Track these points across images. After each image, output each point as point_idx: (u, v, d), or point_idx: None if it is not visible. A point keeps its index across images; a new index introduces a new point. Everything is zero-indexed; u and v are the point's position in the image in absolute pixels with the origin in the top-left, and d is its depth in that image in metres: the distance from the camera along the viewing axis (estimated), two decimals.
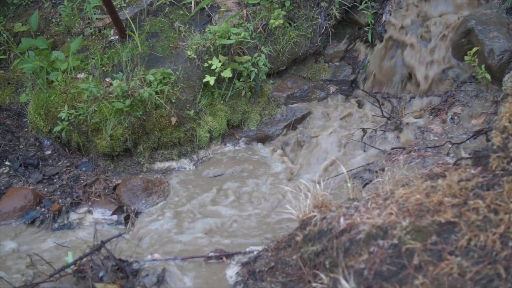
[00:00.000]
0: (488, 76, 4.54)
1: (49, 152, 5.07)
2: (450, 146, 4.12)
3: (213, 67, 5.11)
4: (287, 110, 5.65)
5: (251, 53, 5.38)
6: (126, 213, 4.53)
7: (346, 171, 3.40)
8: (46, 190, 4.69)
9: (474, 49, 4.63)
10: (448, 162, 3.39)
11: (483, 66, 4.55)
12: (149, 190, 4.66)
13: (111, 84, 4.93)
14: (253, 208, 4.54)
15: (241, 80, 5.35)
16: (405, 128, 4.90)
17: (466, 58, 4.66)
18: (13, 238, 4.26)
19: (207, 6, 5.62)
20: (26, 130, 5.25)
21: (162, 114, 4.98)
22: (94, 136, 4.90)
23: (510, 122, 2.54)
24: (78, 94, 4.92)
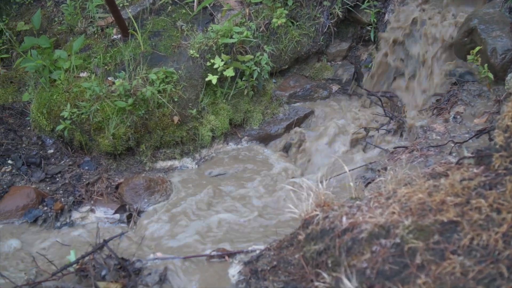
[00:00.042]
0: (490, 75, 4.54)
1: (51, 151, 5.08)
2: (452, 145, 4.11)
3: (215, 66, 5.11)
4: (290, 109, 5.64)
5: (254, 52, 5.38)
6: (128, 212, 4.54)
7: (349, 170, 3.39)
8: (48, 189, 4.70)
9: (477, 48, 4.63)
10: (450, 161, 3.38)
11: (486, 65, 4.54)
12: (151, 189, 4.66)
13: (114, 83, 4.93)
14: (255, 207, 4.54)
15: (243, 79, 5.35)
16: (407, 127, 4.90)
17: (469, 57, 4.65)
18: (15, 236, 4.26)
19: (210, 5, 5.62)
20: (29, 129, 5.25)
21: (165, 113, 4.98)
22: (96, 135, 4.90)
23: None
24: (80, 93, 4.92)
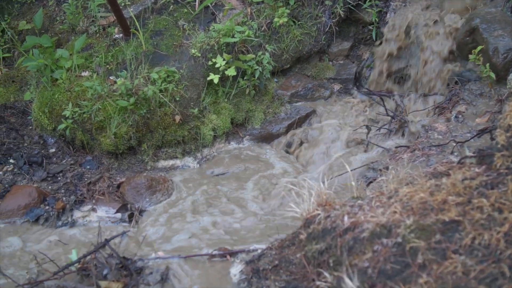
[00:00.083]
0: (492, 74, 4.53)
1: (53, 150, 5.08)
2: (454, 144, 4.11)
3: (217, 65, 5.11)
4: (291, 108, 5.64)
5: (255, 51, 5.38)
6: (130, 211, 4.54)
7: (350, 170, 3.39)
8: (50, 188, 4.70)
9: (479, 47, 4.62)
10: (452, 161, 3.38)
11: (488, 65, 4.54)
12: (153, 188, 4.66)
13: (115, 82, 4.93)
14: (257, 206, 4.54)
15: (245, 78, 5.35)
16: (409, 126, 4.90)
17: (471, 56, 4.65)
18: (17, 235, 4.26)
19: (211, 4, 5.62)
20: (31, 128, 5.25)
21: (166, 112, 4.98)
22: (98, 134, 4.91)
23: None
24: (82, 92, 4.93)
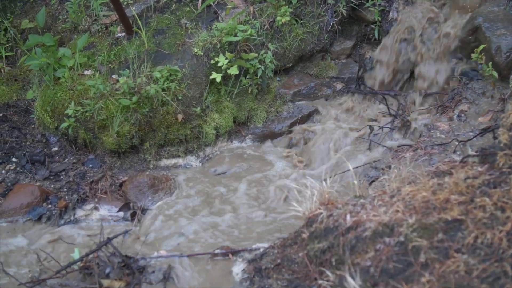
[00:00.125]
0: (495, 73, 4.53)
1: (55, 148, 5.09)
2: (456, 143, 4.10)
3: (219, 64, 5.11)
4: (294, 107, 5.64)
5: (258, 50, 5.37)
6: (132, 210, 4.54)
7: (352, 168, 3.39)
8: (52, 186, 4.71)
9: (481, 46, 4.62)
10: (454, 160, 3.38)
11: (490, 64, 4.54)
12: (155, 187, 4.67)
13: (118, 81, 4.93)
14: (259, 205, 4.54)
15: (247, 77, 5.35)
16: (412, 125, 4.90)
17: (473, 55, 4.65)
18: (20, 234, 4.27)
19: (214, 3, 5.62)
20: (33, 126, 5.26)
21: (169, 111, 4.99)
22: (100, 133, 4.91)
23: None
24: (84, 91, 4.93)
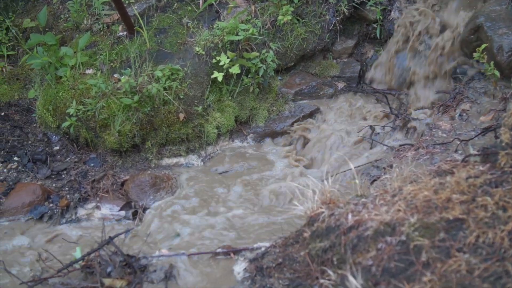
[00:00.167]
0: (497, 73, 4.52)
1: (57, 147, 5.09)
2: (458, 143, 4.10)
3: (221, 63, 5.11)
4: (295, 106, 5.64)
5: (259, 49, 5.37)
6: (134, 208, 4.55)
7: (354, 168, 3.39)
8: (54, 185, 4.71)
9: (483, 45, 4.61)
10: (456, 159, 3.37)
11: (492, 63, 4.53)
12: (157, 186, 4.67)
13: (120, 80, 4.94)
14: (260, 204, 4.54)
15: (249, 76, 5.35)
16: (413, 124, 4.89)
17: (475, 54, 4.64)
18: (21, 233, 4.28)
19: (215, 2, 5.62)
20: (35, 125, 5.26)
21: (170, 110, 4.99)
22: (102, 131, 4.91)
23: None
24: (86, 90, 4.93)
